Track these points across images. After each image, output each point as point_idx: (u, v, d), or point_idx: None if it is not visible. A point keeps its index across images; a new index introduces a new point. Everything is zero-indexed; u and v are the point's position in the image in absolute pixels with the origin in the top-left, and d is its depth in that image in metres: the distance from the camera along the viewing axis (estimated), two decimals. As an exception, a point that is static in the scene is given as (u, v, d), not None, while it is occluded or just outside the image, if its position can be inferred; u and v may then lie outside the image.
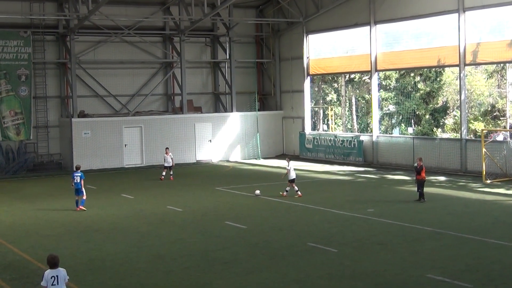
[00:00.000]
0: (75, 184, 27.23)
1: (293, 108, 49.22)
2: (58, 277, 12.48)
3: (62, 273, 12.55)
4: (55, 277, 12.48)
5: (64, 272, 12.60)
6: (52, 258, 12.56)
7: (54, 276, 12.48)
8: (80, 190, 27.17)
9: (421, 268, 17.31)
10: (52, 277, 12.46)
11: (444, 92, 53.04)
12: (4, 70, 41.31)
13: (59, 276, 12.50)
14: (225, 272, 17.49)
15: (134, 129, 44.35)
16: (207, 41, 49.74)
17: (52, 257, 12.59)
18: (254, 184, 33.98)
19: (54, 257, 12.59)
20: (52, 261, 12.55)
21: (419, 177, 27.94)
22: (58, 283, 12.45)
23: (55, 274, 12.49)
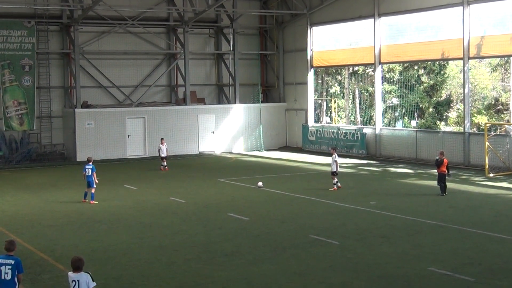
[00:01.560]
0: (87, 176, 27.03)
1: (296, 100, 49.19)
2: (79, 282, 11.60)
3: (84, 278, 11.63)
4: (76, 282, 11.64)
5: (87, 278, 11.65)
6: (75, 261, 11.71)
7: (75, 281, 11.65)
8: (92, 182, 26.94)
9: (423, 261, 17.32)
10: (73, 281, 11.66)
11: (448, 85, 52.95)
12: (7, 60, 41.32)
13: (81, 281, 11.60)
14: (227, 263, 17.51)
15: (137, 120, 44.36)
16: (211, 32, 49.69)
17: (76, 259, 11.74)
18: (257, 176, 33.98)
19: (77, 259, 11.73)
20: (75, 264, 11.71)
21: (439, 170, 27.70)
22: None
23: (77, 278, 11.63)
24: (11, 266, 12.24)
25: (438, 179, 27.73)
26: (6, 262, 12.30)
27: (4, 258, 12.39)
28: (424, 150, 39.10)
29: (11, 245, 12.54)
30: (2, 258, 12.38)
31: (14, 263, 12.27)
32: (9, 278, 12.23)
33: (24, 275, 16.44)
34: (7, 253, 12.48)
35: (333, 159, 29.45)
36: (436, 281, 15.68)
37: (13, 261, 12.30)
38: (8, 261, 12.32)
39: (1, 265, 12.27)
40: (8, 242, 12.62)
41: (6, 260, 12.33)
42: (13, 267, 12.24)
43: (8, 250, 12.49)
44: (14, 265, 12.25)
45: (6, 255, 12.44)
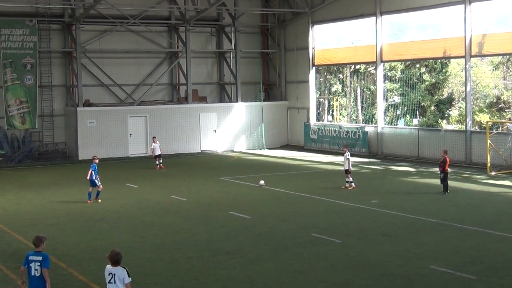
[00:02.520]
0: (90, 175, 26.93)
1: (298, 98, 49.19)
2: (115, 276, 11.76)
3: (120, 273, 11.75)
4: (113, 275, 11.79)
5: (123, 272, 11.76)
6: (114, 255, 11.85)
7: (112, 274, 11.80)
8: (93, 181, 26.81)
9: (424, 260, 17.32)
10: (110, 274, 11.82)
11: (450, 83, 52.91)
12: (9, 59, 41.36)
13: (117, 274, 11.74)
14: (228, 262, 17.53)
15: (139, 118, 44.38)
16: (213, 31, 49.70)
17: (115, 253, 11.88)
18: (259, 174, 33.99)
19: (116, 254, 11.86)
20: (113, 258, 11.85)
21: (441, 169, 27.64)
22: (114, 282, 11.75)
23: (113, 272, 11.77)
24: (40, 263, 12.41)
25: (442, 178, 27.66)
26: (35, 259, 12.47)
27: (33, 254, 12.55)
28: (426, 148, 39.09)
29: (38, 241, 12.63)
30: (31, 255, 12.55)
31: (42, 259, 12.43)
32: (39, 275, 12.41)
33: (26, 274, 16.54)
34: (36, 249, 12.61)
35: (345, 157, 29.35)
36: (437, 279, 15.68)
37: (41, 257, 12.45)
38: (37, 257, 12.48)
39: (31, 261, 12.45)
40: (35, 238, 12.72)
41: (35, 256, 12.50)
42: (41, 263, 12.41)
43: (36, 245, 12.62)
44: (42, 261, 12.42)
45: (35, 252, 12.59)
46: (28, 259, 12.50)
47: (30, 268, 12.44)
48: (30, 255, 12.54)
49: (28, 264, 12.47)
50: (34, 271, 12.41)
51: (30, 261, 12.47)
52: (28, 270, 12.46)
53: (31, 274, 12.42)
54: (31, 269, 12.43)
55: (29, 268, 12.44)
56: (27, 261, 12.49)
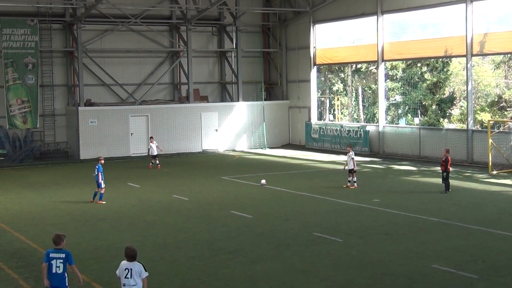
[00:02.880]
0: (95, 176, 26.72)
1: (299, 98, 49.18)
2: (132, 271, 12.14)
3: (137, 268, 12.18)
4: (129, 270, 12.17)
5: (140, 267, 12.20)
6: (131, 251, 12.25)
7: (128, 269, 12.18)
8: (98, 183, 26.63)
9: (426, 259, 17.32)
10: (126, 269, 12.18)
11: (451, 82, 52.87)
12: (11, 59, 41.36)
13: (133, 270, 12.14)
14: (230, 261, 17.53)
15: (140, 118, 44.39)
16: (214, 30, 49.71)
17: (131, 249, 12.27)
18: (260, 173, 34.00)
19: (132, 249, 12.26)
20: (130, 253, 12.24)
21: (443, 168, 27.64)
22: (131, 276, 12.12)
23: (130, 267, 12.17)
24: (62, 260, 12.71)
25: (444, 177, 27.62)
26: (57, 256, 12.74)
27: (54, 252, 12.80)
28: (427, 147, 39.08)
29: (59, 239, 12.89)
30: (52, 252, 12.80)
31: (65, 257, 12.74)
32: (61, 272, 12.69)
33: (28, 273, 16.60)
34: (56, 246, 12.85)
35: (349, 157, 29.36)
36: (439, 278, 15.68)
37: (63, 255, 12.76)
38: (59, 254, 12.75)
39: (52, 259, 12.72)
40: (55, 236, 12.96)
41: (57, 254, 12.77)
42: (64, 260, 12.72)
43: (56, 243, 12.86)
44: (65, 258, 12.73)
45: (55, 249, 12.84)
46: (48, 256, 12.74)
47: (51, 265, 12.68)
48: (51, 253, 12.78)
49: (49, 261, 12.70)
50: (55, 268, 12.67)
51: (51, 258, 12.72)
52: (49, 267, 12.70)
53: (52, 271, 12.67)
54: (52, 266, 12.68)
55: (50, 265, 12.68)
56: (47, 258, 12.73)
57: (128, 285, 12.13)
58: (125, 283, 12.16)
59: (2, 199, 28.19)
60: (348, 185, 29.20)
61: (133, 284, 12.12)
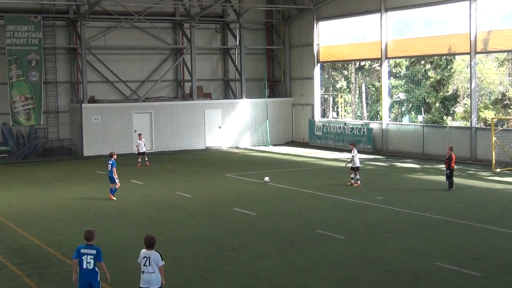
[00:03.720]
0: (109, 172, 26.64)
1: (302, 95, 49.16)
2: (150, 259, 12.60)
3: (154, 256, 12.62)
4: (147, 258, 12.63)
5: (157, 256, 12.63)
6: (149, 239, 12.71)
7: (146, 257, 12.65)
8: (112, 178, 26.58)
9: (429, 256, 17.32)
10: (145, 257, 12.65)
11: (455, 80, 52.85)
12: (14, 55, 41.39)
13: (151, 258, 12.59)
14: (233, 258, 17.55)
15: (144, 115, 44.42)
16: (217, 27, 49.70)
17: (150, 237, 12.73)
18: (263, 171, 34.02)
19: (151, 238, 12.72)
20: (148, 242, 12.71)
21: (447, 166, 27.61)
22: (149, 264, 12.59)
23: (148, 255, 12.63)
24: (93, 256, 12.88)
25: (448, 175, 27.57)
26: (88, 252, 12.92)
27: (85, 248, 12.97)
28: (431, 145, 39.06)
29: (90, 234, 13.07)
30: (83, 248, 12.98)
31: (95, 253, 12.91)
32: (91, 267, 12.88)
33: (32, 269, 16.64)
34: (87, 242, 13.02)
35: (352, 155, 29.31)
36: (442, 276, 15.68)
37: (94, 251, 12.93)
38: (90, 250, 12.93)
39: (83, 254, 12.90)
40: (87, 232, 13.14)
41: (88, 249, 12.94)
42: (94, 256, 12.89)
43: (88, 239, 13.03)
44: (96, 254, 12.90)
45: (87, 245, 13.01)
46: (79, 252, 12.91)
47: (82, 260, 12.87)
48: (82, 248, 12.95)
49: (79, 257, 12.88)
50: (86, 263, 12.86)
51: (82, 254, 12.89)
52: (80, 262, 12.89)
53: (83, 267, 12.86)
54: (83, 262, 12.87)
55: (81, 260, 12.87)
56: (78, 254, 12.91)
57: (146, 272, 12.60)
58: (144, 271, 12.63)
59: (6, 195, 28.25)
60: (352, 183, 29.20)
61: (151, 272, 12.57)
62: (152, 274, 12.59)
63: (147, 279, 12.63)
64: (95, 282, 12.92)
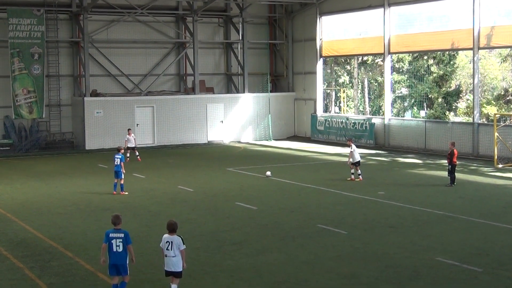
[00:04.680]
0: (115, 166, 26.44)
1: (305, 90, 49.13)
2: (172, 244, 13.35)
3: (176, 240, 13.38)
4: (170, 243, 13.38)
5: (179, 240, 13.40)
6: (171, 225, 13.48)
7: (169, 241, 13.40)
8: (120, 173, 26.35)
9: (431, 251, 17.32)
10: (167, 241, 13.41)
11: (457, 75, 52.78)
12: (17, 48, 41.38)
13: (174, 242, 13.35)
14: (235, 252, 17.57)
15: (146, 108, 44.42)
16: (220, 21, 49.65)
17: (172, 223, 13.50)
18: (265, 165, 34.02)
19: (173, 223, 13.50)
20: (170, 227, 13.46)
21: (449, 161, 27.57)
22: (171, 248, 13.35)
23: (171, 240, 13.40)
24: (122, 239, 13.50)
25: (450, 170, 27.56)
26: (116, 236, 13.55)
27: (113, 232, 13.61)
28: (433, 140, 39.03)
29: (117, 219, 13.71)
30: (112, 232, 13.60)
31: (124, 236, 13.52)
32: (121, 250, 13.50)
33: (33, 262, 16.66)
34: (115, 227, 13.65)
35: (351, 150, 29.24)
36: (444, 271, 15.69)
37: (122, 234, 13.56)
38: (118, 234, 13.56)
39: (112, 238, 13.53)
40: (114, 217, 13.79)
41: (116, 233, 13.58)
42: (123, 239, 13.50)
43: (115, 224, 13.67)
44: (124, 237, 13.51)
45: (114, 229, 13.64)
46: (108, 236, 13.52)
47: (112, 244, 13.48)
48: (111, 233, 13.56)
49: (109, 241, 13.49)
50: (115, 247, 13.47)
51: (111, 238, 13.51)
52: (110, 246, 13.49)
53: (113, 250, 13.47)
54: (112, 245, 13.48)
55: (110, 244, 13.48)
56: (107, 238, 13.51)
57: (169, 256, 13.42)
58: (167, 254, 13.44)
59: (8, 188, 28.28)
60: (352, 178, 29.16)
61: (173, 256, 13.41)
62: (174, 258, 13.40)
63: (170, 263, 13.46)
64: (124, 264, 13.53)
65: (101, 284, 15.10)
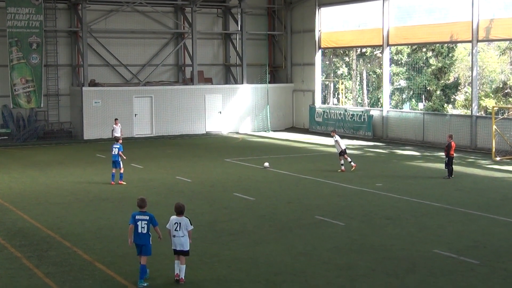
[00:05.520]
0: (113, 156, 26.43)
1: (303, 81, 49.10)
2: (180, 224, 14.19)
3: (184, 221, 14.23)
4: (178, 224, 14.21)
5: (187, 221, 14.25)
6: (179, 207, 14.29)
7: (177, 223, 14.22)
8: (118, 163, 26.37)
9: (428, 243, 17.36)
10: (176, 223, 14.23)
11: (456, 68, 52.80)
12: (15, 38, 41.29)
13: (182, 223, 14.20)
14: (232, 243, 17.59)
15: (144, 99, 44.39)
16: (219, 12, 49.57)
17: (179, 205, 14.32)
18: (263, 156, 34.03)
19: (180, 206, 14.33)
20: (178, 209, 14.27)
21: (446, 153, 27.60)
22: (180, 229, 14.17)
23: (179, 221, 14.23)
24: (147, 221, 14.31)
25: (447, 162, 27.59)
26: (142, 218, 14.35)
27: (139, 214, 14.39)
28: (431, 132, 39.06)
29: (143, 203, 14.48)
30: (138, 215, 14.40)
31: (149, 218, 14.34)
32: (145, 232, 14.33)
33: (31, 252, 16.68)
34: (140, 209, 14.42)
35: (335, 140, 29.57)
36: (440, 263, 15.72)
37: (147, 217, 14.37)
38: (143, 216, 14.36)
39: (138, 220, 14.33)
40: (140, 200, 14.54)
41: (142, 216, 14.37)
42: (148, 221, 14.32)
43: (141, 207, 14.43)
44: (149, 220, 14.34)
45: (140, 212, 14.42)
46: (134, 218, 14.32)
47: (137, 226, 14.29)
48: (137, 215, 14.36)
49: (135, 222, 14.28)
50: (141, 228, 14.29)
51: (136, 220, 14.30)
52: (135, 227, 14.29)
53: (138, 231, 14.30)
54: (138, 227, 14.29)
55: (136, 226, 14.29)
56: (133, 220, 14.31)
57: (177, 236, 14.20)
58: (175, 235, 14.22)
59: (6, 178, 28.28)
60: (343, 169, 29.21)
61: (181, 236, 14.21)
62: (182, 237, 14.19)
63: (178, 242, 14.21)
64: (147, 244, 14.32)
65: (98, 273, 15.12)
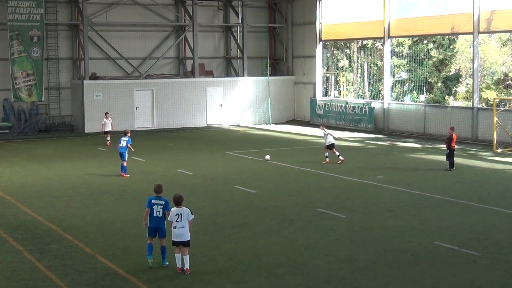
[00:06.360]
0: (120, 148, 26.57)
1: (304, 73, 49.06)
2: (182, 215, 14.51)
3: (185, 212, 14.54)
4: (179, 215, 14.51)
5: (187, 211, 14.57)
6: (177, 198, 14.60)
7: (178, 214, 14.52)
8: (124, 154, 26.49)
9: (429, 236, 17.37)
10: (177, 214, 14.53)
11: (457, 60, 52.72)
12: (16, 31, 41.25)
13: (183, 214, 14.52)
14: (234, 236, 17.61)
15: (145, 92, 44.38)
16: (220, 5, 49.48)
17: (178, 196, 14.64)
18: (264, 149, 34.01)
19: (178, 196, 14.63)
20: (176, 200, 14.58)
21: (447, 145, 27.58)
22: (181, 220, 14.49)
23: (180, 212, 14.53)
24: (162, 206, 14.90)
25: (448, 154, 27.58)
26: (158, 202, 14.95)
27: (155, 199, 15.00)
28: (432, 125, 39.04)
29: (160, 188, 15.07)
30: (154, 199, 15.02)
31: (164, 203, 14.92)
32: (161, 216, 14.93)
33: (33, 245, 16.70)
34: (156, 194, 15.02)
35: (324, 135, 29.94)
36: (442, 255, 15.73)
37: (163, 202, 14.96)
38: (159, 201, 14.97)
39: (154, 204, 14.93)
40: (157, 186, 15.14)
41: (158, 200, 14.97)
42: (163, 206, 14.90)
43: (157, 192, 15.03)
44: (165, 205, 14.92)
45: (157, 196, 15.02)
46: (150, 202, 14.93)
47: (153, 210, 14.87)
48: (153, 199, 14.98)
49: (151, 206, 14.87)
50: (156, 212, 14.87)
51: (152, 204, 14.90)
52: (151, 211, 14.87)
53: (154, 215, 14.88)
54: (153, 211, 14.88)
55: (152, 210, 14.88)
56: (150, 204, 14.92)
57: (178, 227, 14.49)
58: (176, 226, 14.50)
59: (7, 171, 28.30)
60: (327, 161, 29.47)
61: (182, 227, 14.49)
62: (182, 228, 14.46)
63: (179, 233, 14.48)
64: (162, 227, 14.89)
65: (100, 267, 15.13)
